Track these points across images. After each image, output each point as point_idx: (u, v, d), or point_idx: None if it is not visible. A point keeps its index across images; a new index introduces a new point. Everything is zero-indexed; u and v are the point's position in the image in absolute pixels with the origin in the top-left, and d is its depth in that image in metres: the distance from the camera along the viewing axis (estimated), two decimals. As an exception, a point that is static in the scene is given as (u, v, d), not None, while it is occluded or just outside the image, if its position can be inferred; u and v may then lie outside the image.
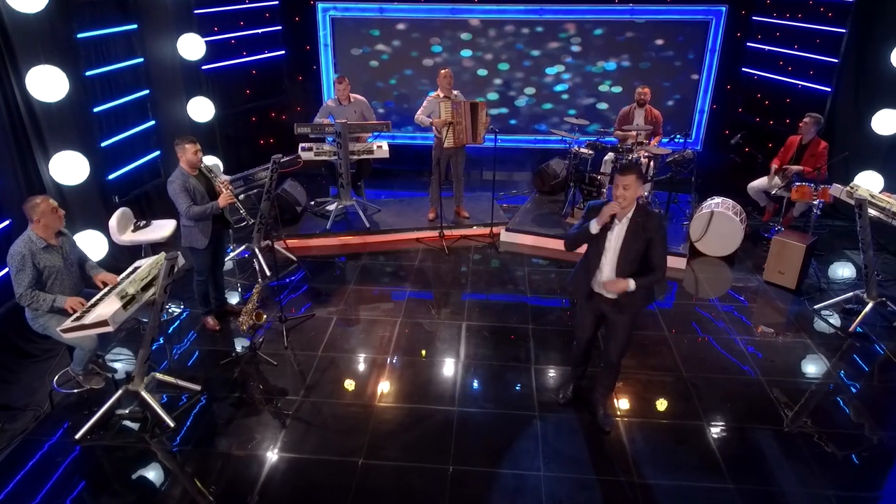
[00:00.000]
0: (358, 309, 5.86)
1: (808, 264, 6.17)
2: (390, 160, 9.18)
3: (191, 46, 7.10)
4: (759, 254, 6.81)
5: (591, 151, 7.29)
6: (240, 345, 5.30)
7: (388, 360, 5.11)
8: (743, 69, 8.85)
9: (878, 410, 4.62)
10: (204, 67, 7.85)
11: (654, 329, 5.55)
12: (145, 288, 4.14)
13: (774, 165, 7.12)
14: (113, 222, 5.43)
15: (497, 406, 4.61)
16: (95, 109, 6.07)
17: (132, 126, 6.67)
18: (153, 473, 4.04)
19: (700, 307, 5.97)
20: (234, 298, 6.00)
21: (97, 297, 4.17)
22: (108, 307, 3.95)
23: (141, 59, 6.75)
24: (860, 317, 5.53)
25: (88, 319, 3.86)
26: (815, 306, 5.87)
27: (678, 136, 7.45)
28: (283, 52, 9.02)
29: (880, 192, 5.50)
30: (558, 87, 9.08)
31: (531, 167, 8.93)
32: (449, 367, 5.03)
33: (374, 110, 9.14)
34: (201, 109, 7.40)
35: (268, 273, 6.32)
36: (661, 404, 4.65)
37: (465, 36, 8.88)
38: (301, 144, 7.07)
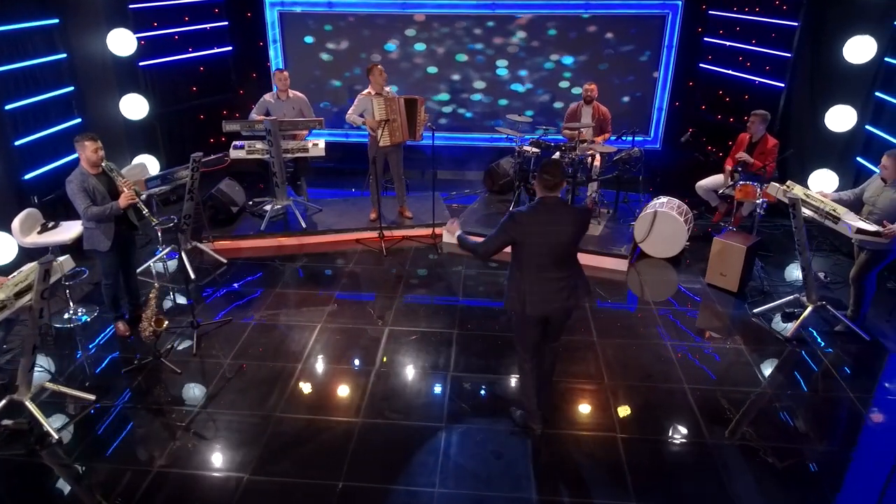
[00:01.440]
0: (279, 314, 5.63)
1: (750, 266, 5.94)
2: (341, 159, 9.05)
3: (121, 42, 6.88)
4: (707, 255, 6.56)
5: (536, 150, 7.06)
6: (147, 352, 5.07)
7: (299, 367, 4.88)
8: (700, 65, 8.60)
9: (809, 422, 4.38)
10: (142, 63, 7.64)
11: (582, 334, 5.32)
12: (20, 294, 3.92)
13: (728, 167, 6.89)
14: (16, 224, 5.20)
15: (404, 417, 4.38)
16: (8, 107, 5.84)
17: (54, 124, 6.44)
18: (28, 487, 3.81)
19: (634, 310, 5.74)
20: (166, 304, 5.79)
21: (-28, 303, 3.95)
22: (-29, 314, 3.73)
23: (64, 55, 6.52)
24: (798, 321, 5.30)
25: (-52, 328, 3.64)
26: (755, 310, 5.63)
27: (626, 135, 7.21)
28: (230, 48, 8.78)
29: (817, 192, 5.26)
30: (514, 86, 8.84)
31: (485, 166, 8.70)
32: (361, 376, 4.80)
33: (328, 110, 8.95)
34: (135, 107, 7.18)
35: (192, 276, 6.10)
36: (577, 414, 4.42)
37: (416, 32, 8.64)
38: (234, 142, 6.84)
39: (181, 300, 5.84)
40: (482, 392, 4.66)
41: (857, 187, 5.35)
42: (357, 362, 4.96)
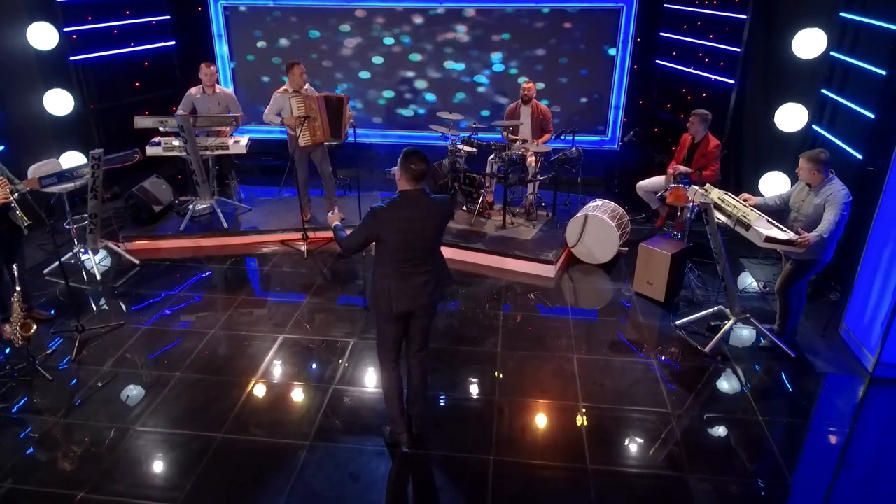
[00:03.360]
0: (175, 318, 5.38)
1: (678, 274, 5.58)
2: (288, 157, 8.78)
3: (42, 36, 6.69)
4: (644, 262, 6.21)
5: (470, 148, 6.75)
6: (25, 356, 4.84)
7: (176, 377, 4.62)
8: (657, 62, 8.19)
9: (704, 448, 4.04)
10: (74, 58, 7.44)
11: (487, 344, 5.00)
12: None
13: (670, 170, 6.53)
14: None
15: (268, 433, 4.11)
16: None
17: (-35, 120, 6.27)
18: None
19: (549, 320, 5.40)
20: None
21: None
22: None
23: (-25, 50, 6.35)
24: (718, 335, 4.93)
25: None
26: (677, 322, 5.27)
27: (566, 133, 6.87)
28: (173, 42, 8.56)
29: (741, 196, 4.89)
30: (477, 78, 8.48)
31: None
32: (238, 387, 4.52)
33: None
34: (60, 102, 6.98)
35: (98, 277, 5.90)
36: (453, 433, 4.10)
37: (364, 27, 8.35)
38: (152, 139, 6.62)
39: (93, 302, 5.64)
40: (361, 407, 4.37)
41: (785, 191, 4.97)
42: (239, 372, 4.69)
